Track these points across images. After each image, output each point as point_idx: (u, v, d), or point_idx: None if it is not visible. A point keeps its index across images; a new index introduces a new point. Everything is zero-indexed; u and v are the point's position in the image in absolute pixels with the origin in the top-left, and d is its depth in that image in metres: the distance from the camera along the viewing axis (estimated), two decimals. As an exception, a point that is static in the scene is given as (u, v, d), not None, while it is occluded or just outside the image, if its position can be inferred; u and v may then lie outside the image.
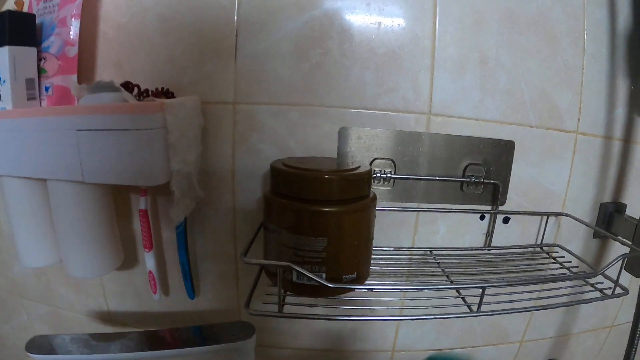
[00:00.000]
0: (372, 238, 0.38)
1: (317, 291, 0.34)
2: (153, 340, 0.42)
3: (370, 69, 0.40)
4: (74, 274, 0.42)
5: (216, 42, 0.41)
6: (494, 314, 0.35)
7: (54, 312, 0.55)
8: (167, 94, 0.42)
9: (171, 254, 0.46)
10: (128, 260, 0.47)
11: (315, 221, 0.33)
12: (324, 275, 0.33)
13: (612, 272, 0.39)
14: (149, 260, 0.44)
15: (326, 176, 0.33)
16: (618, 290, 0.40)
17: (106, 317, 0.52)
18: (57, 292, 0.53)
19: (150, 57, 0.42)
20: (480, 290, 0.34)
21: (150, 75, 0.43)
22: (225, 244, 0.46)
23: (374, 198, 0.37)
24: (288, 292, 0.35)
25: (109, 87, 0.38)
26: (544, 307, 0.38)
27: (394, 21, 0.41)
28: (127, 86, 0.40)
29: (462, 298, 0.37)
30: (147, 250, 0.44)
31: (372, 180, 0.42)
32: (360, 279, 0.36)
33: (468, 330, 0.52)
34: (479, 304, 0.35)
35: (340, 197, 0.33)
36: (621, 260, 0.40)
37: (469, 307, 0.36)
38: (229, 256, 0.46)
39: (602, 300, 0.41)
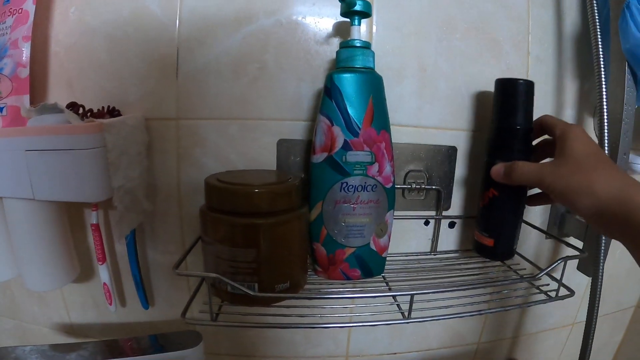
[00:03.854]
0: (309, 248, 0.42)
1: (251, 301, 0.38)
2: (108, 350, 0.46)
3: (306, 80, 0.44)
4: (30, 286, 0.47)
5: (159, 60, 0.45)
6: (424, 320, 0.39)
7: (20, 326, 0.59)
8: (112, 112, 0.46)
9: (126, 266, 0.50)
10: (86, 273, 0.52)
11: (245, 233, 0.37)
12: (256, 285, 0.37)
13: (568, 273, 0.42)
14: (102, 273, 0.48)
15: (256, 190, 0.37)
16: (563, 291, 0.43)
17: (69, 329, 0.57)
18: (22, 306, 0.57)
19: (98, 76, 0.46)
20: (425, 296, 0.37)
21: (99, 94, 0.46)
22: (174, 255, 0.50)
23: (307, 208, 0.40)
24: (225, 302, 0.39)
25: (53, 108, 0.42)
26: (479, 312, 0.42)
27: (330, 33, 0.44)
28: (73, 106, 0.44)
29: (397, 305, 0.41)
30: (100, 262, 0.48)
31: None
32: (295, 287, 0.40)
33: (421, 333, 0.56)
34: (409, 310, 0.38)
35: (269, 209, 0.37)
36: (562, 262, 0.43)
37: (402, 313, 0.40)
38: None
39: (544, 303, 0.44)
